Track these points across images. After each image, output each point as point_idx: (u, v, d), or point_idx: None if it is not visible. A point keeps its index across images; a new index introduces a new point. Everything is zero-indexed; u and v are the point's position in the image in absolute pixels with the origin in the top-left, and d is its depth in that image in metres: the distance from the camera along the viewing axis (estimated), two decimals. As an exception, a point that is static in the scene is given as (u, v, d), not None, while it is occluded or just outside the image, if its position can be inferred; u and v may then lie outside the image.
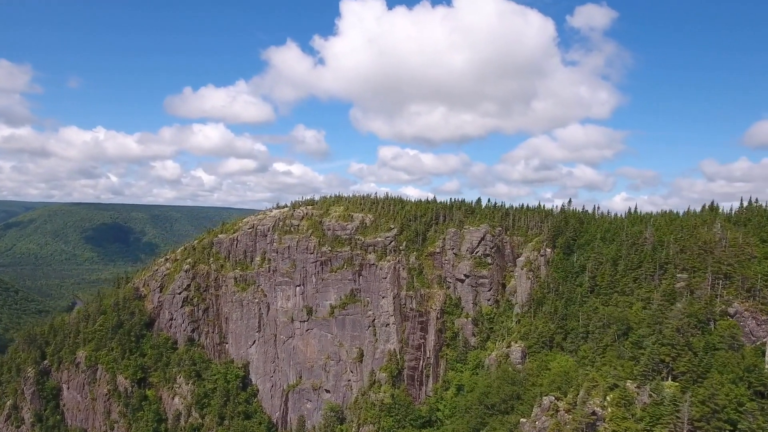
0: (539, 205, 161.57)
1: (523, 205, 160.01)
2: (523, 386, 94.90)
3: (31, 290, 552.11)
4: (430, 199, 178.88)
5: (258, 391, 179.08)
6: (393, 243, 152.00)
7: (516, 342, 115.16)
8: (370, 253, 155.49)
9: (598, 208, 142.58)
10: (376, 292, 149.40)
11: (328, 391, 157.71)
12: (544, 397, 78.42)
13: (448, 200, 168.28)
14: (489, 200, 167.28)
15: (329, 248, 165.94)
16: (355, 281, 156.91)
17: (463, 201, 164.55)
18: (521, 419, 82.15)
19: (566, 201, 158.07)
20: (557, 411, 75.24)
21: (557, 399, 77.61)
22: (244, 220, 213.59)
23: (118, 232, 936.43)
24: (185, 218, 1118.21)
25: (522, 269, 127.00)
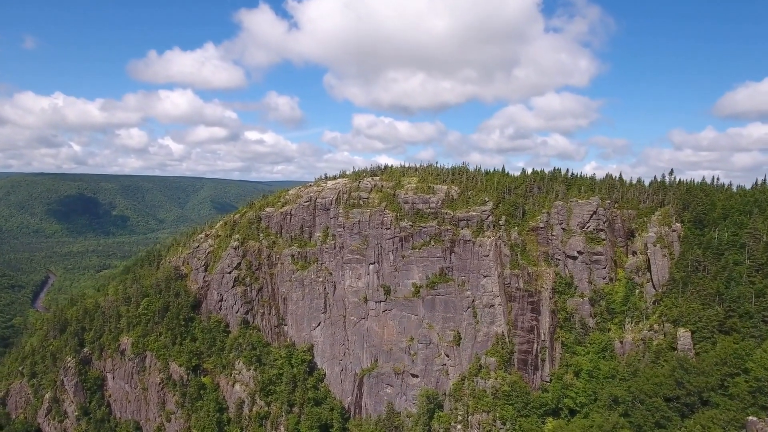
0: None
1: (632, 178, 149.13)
2: (713, 377, 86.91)
3: (0, 264, 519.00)
4: (521, 170, 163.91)
5: (325, 375, 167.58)
6: (490, 217, 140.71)
7: (659, 324, 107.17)
8: (462, 228, 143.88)
9: (718, 179, 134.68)
10: (474, 271, 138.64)
11: (415, 376, 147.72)
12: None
13: (543, 170, 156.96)
14: (595, 172, 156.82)
15: (409, 223, 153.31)
16: (445, 259, 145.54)
17: (558, 171, 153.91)
18: (749, 417, 74.13)
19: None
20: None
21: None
22: (290, 192, 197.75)
23: (86, 204, 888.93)
24: (157, 188, 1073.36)
25: (655, 245, 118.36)
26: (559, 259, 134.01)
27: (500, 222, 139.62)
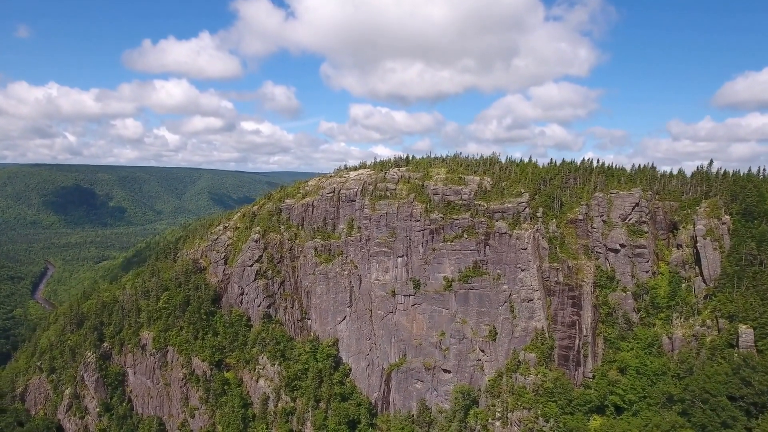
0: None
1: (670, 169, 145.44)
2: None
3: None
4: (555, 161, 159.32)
5: (350, 370, 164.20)
6: (527, 209, 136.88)
7: (711, 320, 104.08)
8: (497, 220, 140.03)
9: (765, 170, 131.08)
10: (511, 264, 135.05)
11: (447, 371, 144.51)
12: None
13: (576, 161, 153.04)
14: (634, 163, 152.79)
15: (440, 215, 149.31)
16: (479, 252, 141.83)
17: (596, 162, 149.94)
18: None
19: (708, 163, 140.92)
20: None
21: None
22: (310, 183, 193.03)
23: (82, 195, 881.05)
24: (154, 179, 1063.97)
25: (705, 238, 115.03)
26: (600, 252, 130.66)
27: (537, 214, 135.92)
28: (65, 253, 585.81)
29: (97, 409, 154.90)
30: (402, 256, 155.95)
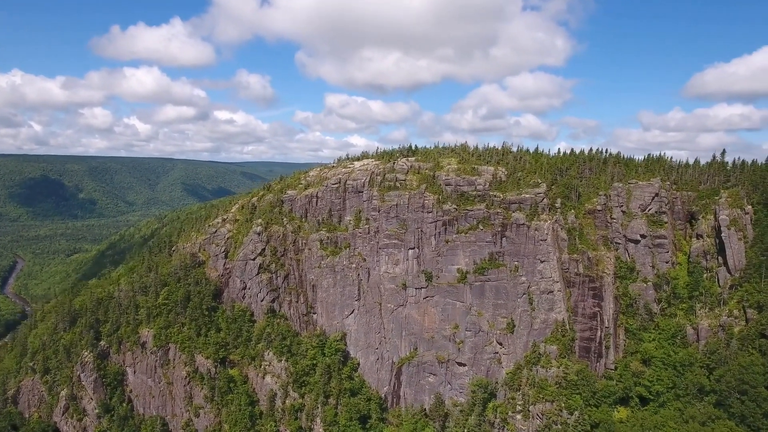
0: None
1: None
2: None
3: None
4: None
5: (359, 365, 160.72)
6: (545, 200, 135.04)
7: (739, 310, 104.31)
8: (514, 211, 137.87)
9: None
10: (530, 256, 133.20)
11: (462, 365, 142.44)
12: None
13: (590, 150, 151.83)
14: (650, 153, 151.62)
15: (453, 206, 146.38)
16: (495, 243, 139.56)
17: (610, 153, 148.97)
18: None
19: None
20: None
21: None
22: (311, 174, 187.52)
23: (51, 186, 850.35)
24: (126, 170, 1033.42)
25: (729, 229, 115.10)
26: (619, 243, 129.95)
27: (556, 205, 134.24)
28: (35, 247, 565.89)
29: (96, 410, 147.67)
30: (413, 248, 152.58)
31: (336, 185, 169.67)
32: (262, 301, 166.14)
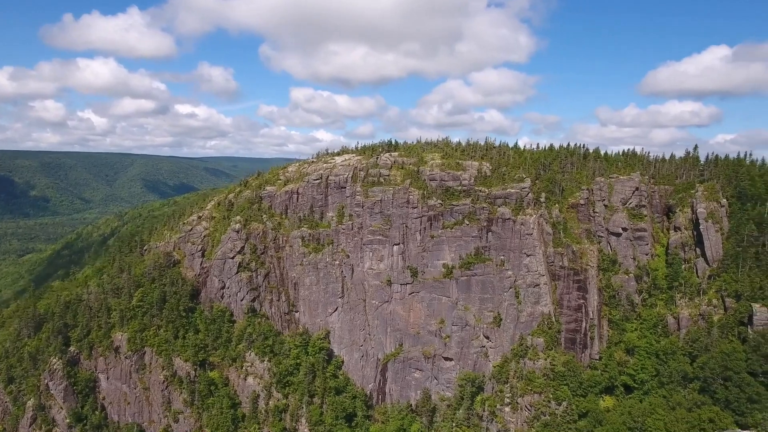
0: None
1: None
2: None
3: None
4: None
5: (343, 363, 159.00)
6: (530, 194, 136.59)
7: (717, 299, 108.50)
8: (499, 206, 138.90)
9: (750, 154, 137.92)
10: (516, 250, 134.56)
11: (448, 359, 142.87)
12: None
13: (572, 145, 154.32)
14: (633, 148, 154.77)
15: (438, 201, 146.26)
16: (481, 238, 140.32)
17: (581, 146, 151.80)
18: None
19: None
20: None
21: None
22: (290, 170, 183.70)
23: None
24: (81, 165, 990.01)
25: (707, 221, 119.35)
26: (602, 236, 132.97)
27: (540, 199, 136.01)
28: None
29: (67, 420, 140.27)
30: (398, 243, 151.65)
31: (317, 181, 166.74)
32: (242, 300, 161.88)
